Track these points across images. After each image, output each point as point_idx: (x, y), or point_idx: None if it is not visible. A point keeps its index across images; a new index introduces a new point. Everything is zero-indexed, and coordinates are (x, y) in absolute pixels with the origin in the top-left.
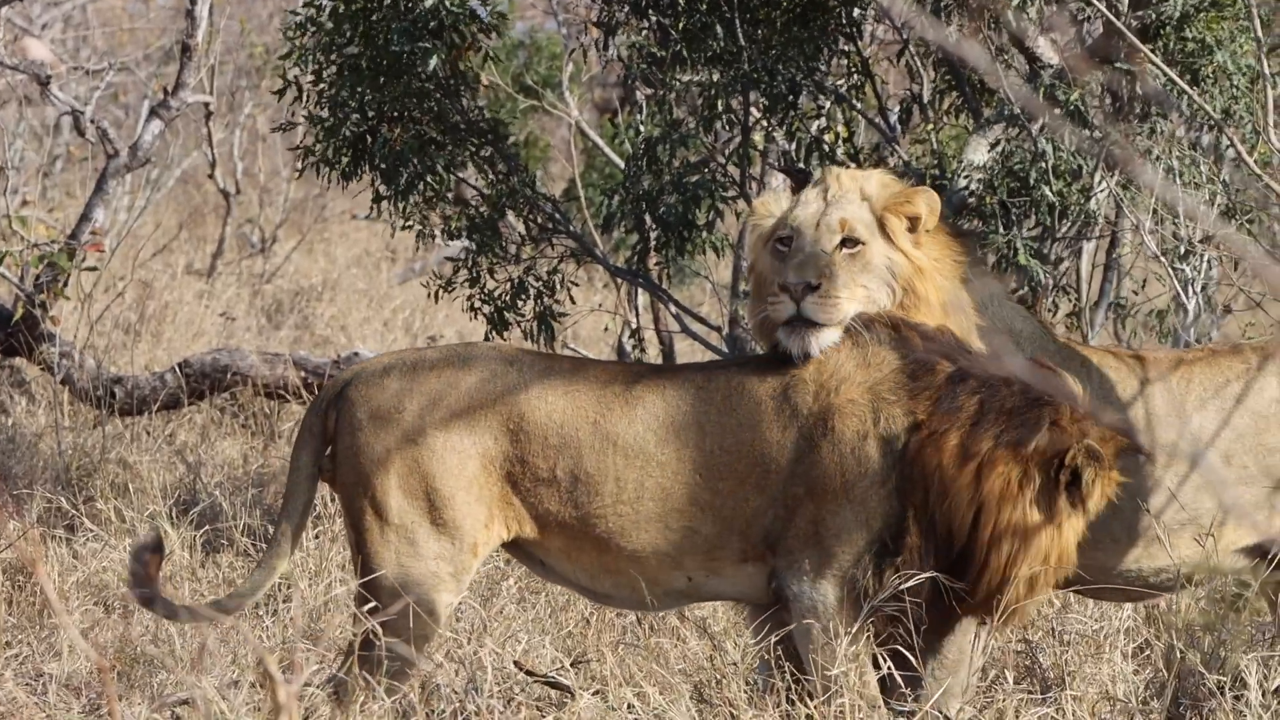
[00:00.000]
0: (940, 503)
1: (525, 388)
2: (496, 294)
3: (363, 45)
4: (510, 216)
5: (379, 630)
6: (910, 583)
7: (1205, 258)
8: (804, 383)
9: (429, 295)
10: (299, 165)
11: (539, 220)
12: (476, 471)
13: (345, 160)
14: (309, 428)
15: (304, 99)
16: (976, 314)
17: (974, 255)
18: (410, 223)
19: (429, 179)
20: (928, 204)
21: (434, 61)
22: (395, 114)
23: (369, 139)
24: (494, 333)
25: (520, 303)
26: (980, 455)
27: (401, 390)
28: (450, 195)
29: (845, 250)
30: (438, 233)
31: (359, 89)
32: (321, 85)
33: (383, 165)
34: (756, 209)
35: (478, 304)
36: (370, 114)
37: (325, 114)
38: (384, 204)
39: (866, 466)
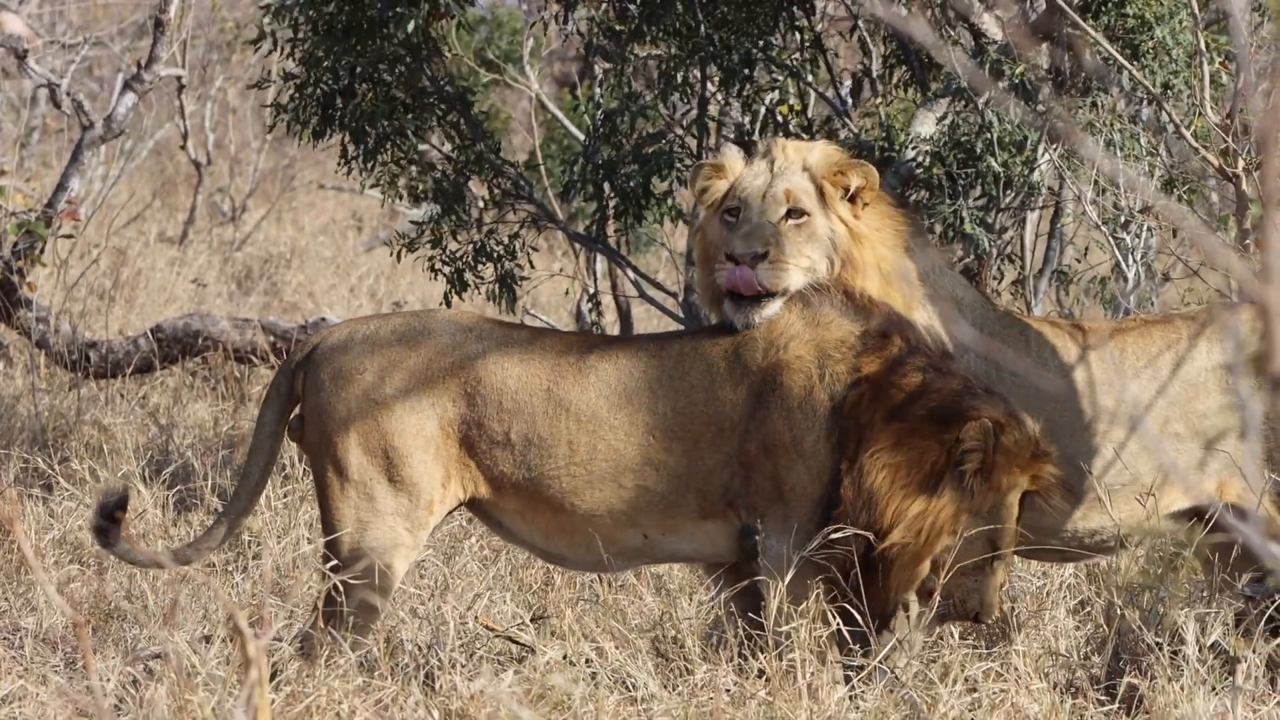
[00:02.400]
0: (864, 455)
1: (482, 354)
2: (458, 255)
3: (339, 6)
4: (474, 182)
5: (341, 586)
6: (842, 534)
7: (1145, 227)
8: (754, 341)
9: (392, 254)
10: (270, 122)
11: (502, 186)
12: (434, 432)
13: (316, 119)
14: (276, 388)
15: (279, 51)
16: (920, 283)
17: (916, 226)
18: (378, 184)
19: (396, 140)
20: (864, 175)
21: (410, 26)
22: (367, 76)
23: (340, 99)
24: (454, 293)
25: (481, 265)
26: (907, 421)
27: (364, 353)
28: (417, 159)
29: (791, 221)
30: (404, 194)
31: (334, 48)
32: (297, 41)
33: (352, 125)
34: (704, 171)
35: (439, 265)
36: (343, 74)
37: (300, 72)
38: (352, 164)
39: (813, 421)
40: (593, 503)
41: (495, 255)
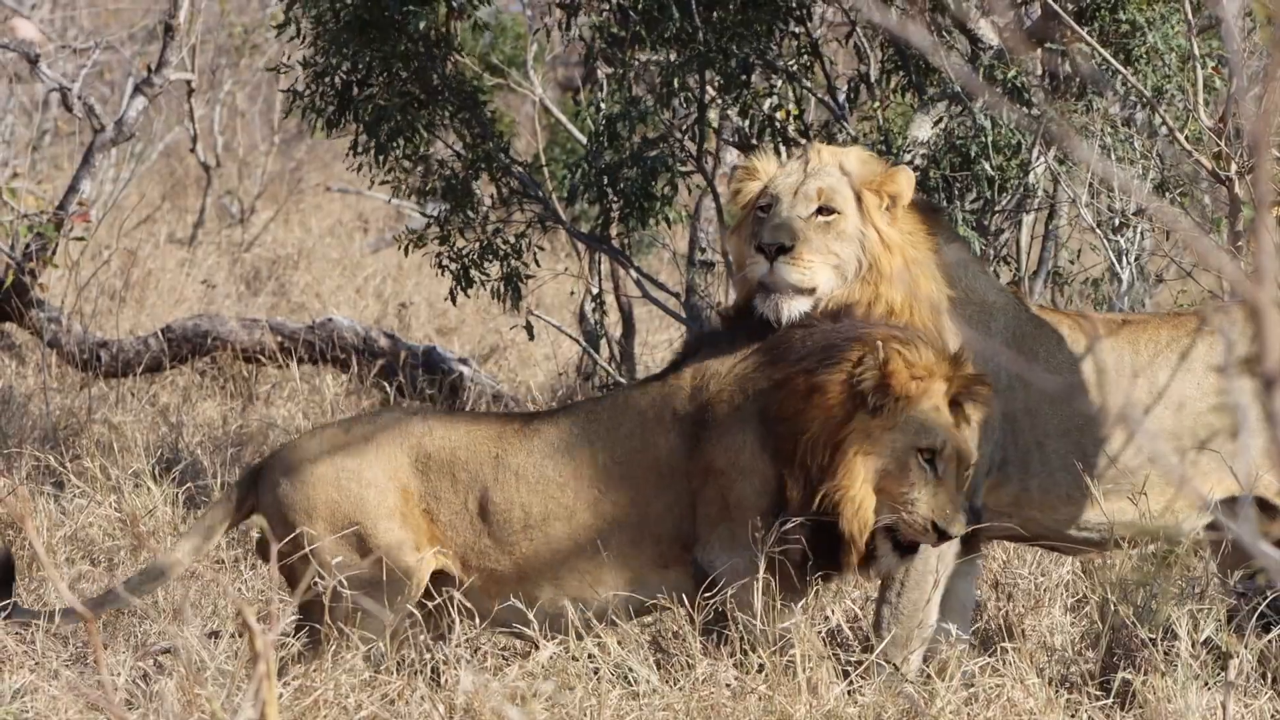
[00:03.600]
0: (803, 441)
1: (430, 430)
2: (465, 252)
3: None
4: (482, 180)
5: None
6: (789, 524)
7: (1138, 229)
8: (680, 389)
9: (400, 248)
10: (286, 108)
11: (510, 185)
12: (397, 502)
13: (331, 109)
14: (229, 494)
15: (301, 37)
16: (949, 285)
17: (948, 230)
18: (388, 177)
19: (407, 135)
20: (908, 182)
21: (423, 23)
22: (383, 69)
23: (356, 89)
24: (459, 290)
25: (487, 263)
26: (818, 385)
27: (316, 447)
28: (426, 157)
29: (820, 218)
30: (412, 193)
31: (352, 40)
32: (320, 28)
33: (366, 118)
34: (738, 174)
35: (445, 262)
36: (360, 67)
37: (319, 60)
38: (363, 158)
39: (746, 438)
40: (554, 563)
41: (501, 254)
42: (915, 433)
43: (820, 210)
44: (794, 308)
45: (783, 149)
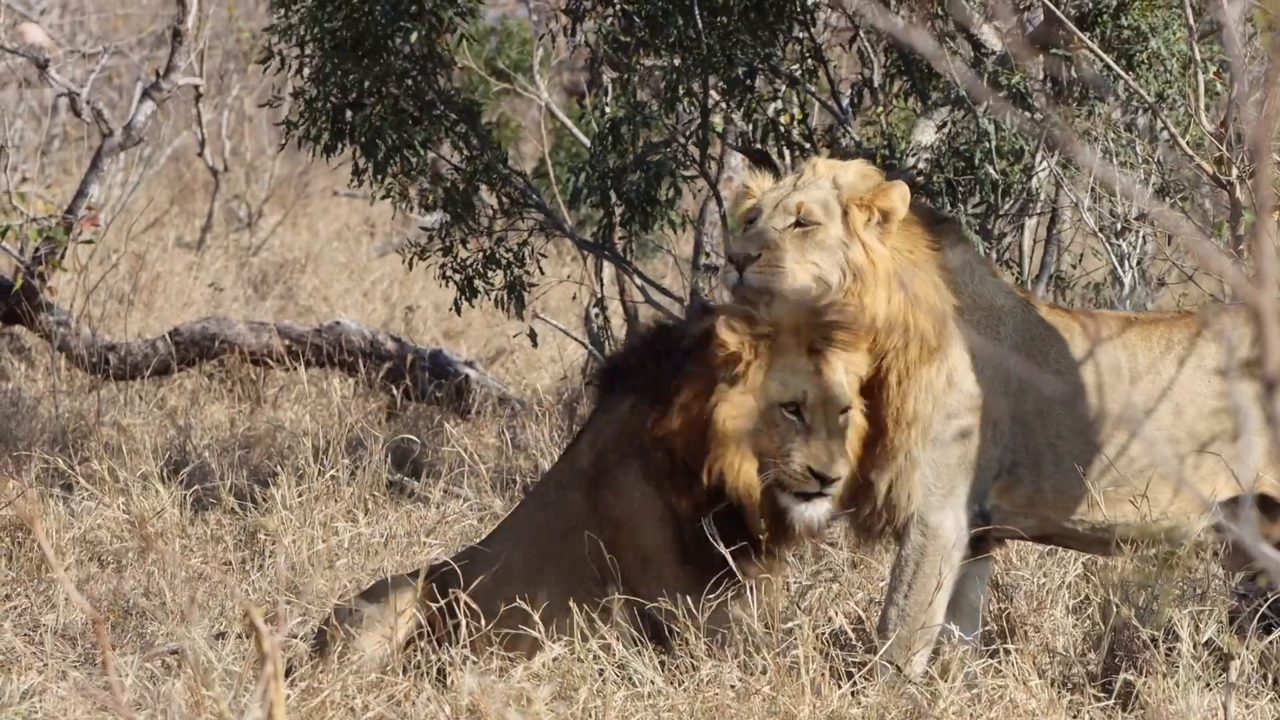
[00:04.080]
0: (678, 446)
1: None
2: (468, 263)
3: (344, 23)
4: (483, 191)
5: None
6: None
7: (1140, 233)
8: (580, 448)
9: (404, 262)
10: (282, 140)
11: (510, 195)
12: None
13: (326, 135)
14: None
15: (287, 68)
16: (955, 292)
17: (953, 236)
18: (389, 194)
19: (405, 153)
20: (901, 198)
21: (415, 36)
22: (375, 90)
23: (349, 113)
24: (464, 300)
25: (490, 272)
26: (684, 407)
27: None
28: (427, 169)
29: (798, 229)
30: (414, 204)
31: (341, 65)
32: (304, 58)
33: (362, 139)
34: (738, 190)
35: (450, 272)
36: (351, 89)
37: (309, 89)
38: (363, 177)
39: (631, 478)
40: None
41: (504, 263)
42: (775, 390)
43: (798, 223)
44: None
45: (789, 157)
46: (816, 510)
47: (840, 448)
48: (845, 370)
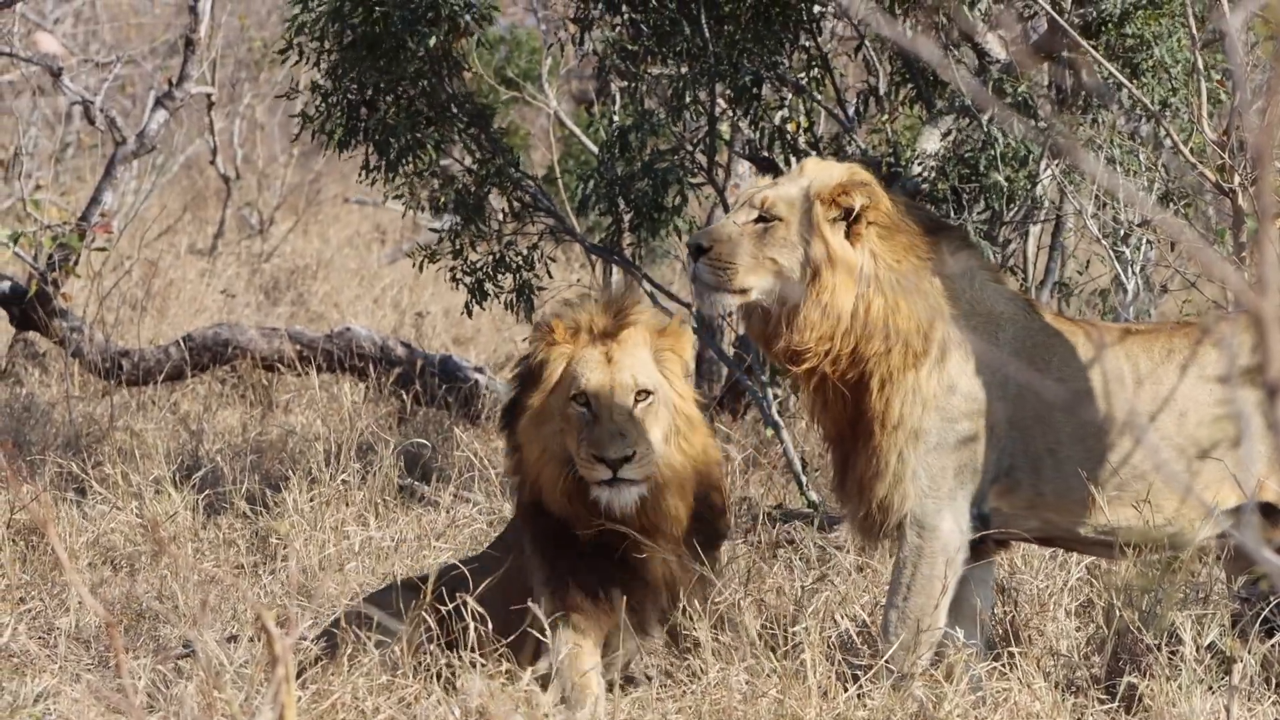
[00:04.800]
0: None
1: None
2: (478, 265)
3: (362, 21)
4: (493, 195)
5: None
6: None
7: (1144, 240)
8: (510, 523)
9: (414, 265)
10: (296, 132)
11: (521, 199)
12: None
13: (341, 130)
14: None
15: (305, 61)
16: (951, 299)
17: (953, 241)
18: (400, 193)
19: (417, 153)
20: (866, 196)
21: (432, 40)
22: (390, 89)
23: (364, 110)
24: (475, 303)
25: (500, 276)
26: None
27: None
28: (438, 172)
29: (758, 225)
30: (425, 206)
31: (358, 63)
32: (324, 52)
33: (375, 137)
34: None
35: (460, 275)
36: (367, 88)
37: (326, 83)
38: (375, 174)
39: (527, 550)
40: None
41: (514, 266)
42: (565, 385)
43: (760, 218)
44: (719, 303)
45: (793, 160)
46: (620, 496)
47: (632, 430)
48: (653, 355)
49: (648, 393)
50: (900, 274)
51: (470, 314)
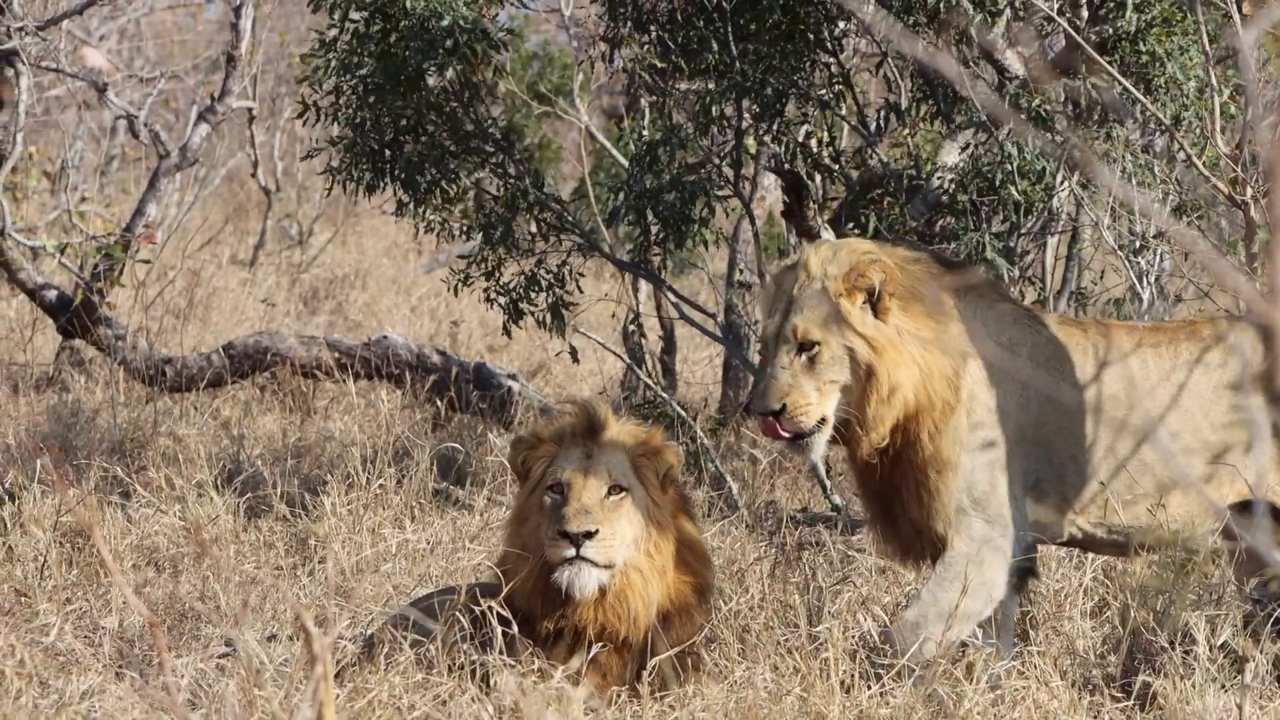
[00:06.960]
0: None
1: None
2: (511, 286)
3: (378, 63)
4: (522, 215)
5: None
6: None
7: (1158, 251)
8: None
9: (449, 289)
10: (327, 186)
11: (548, 219)
12: None
13: (368, 176)
14: None
15: (322, 119)
16: (969, 344)
17: (961, 290)
18: (431, 225)
19: (445, 185)
20: (879, 272)
21: (450, 72)
22: (411, 127)
23: (388, 152)
24: (511, 322)
25: (533, 294)
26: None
27: None
28: (464, 199)
29: (804, 355)
30: (455, 233)
31: (377, 106)
32: (340, 104)
33: (402, 176)
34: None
35: (493, 295)
36: (388, 130)
37: (347, 134)
38: (405, 211)
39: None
40: None
41: (546, 284)
42: (544, 482)
43: (801, 349)
44: (813, 447)
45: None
46: (580, 576)
47: (599, 511)
48: (631, 462)
49: (621, 489)
50: (925, 341)
51: (509, 334)
